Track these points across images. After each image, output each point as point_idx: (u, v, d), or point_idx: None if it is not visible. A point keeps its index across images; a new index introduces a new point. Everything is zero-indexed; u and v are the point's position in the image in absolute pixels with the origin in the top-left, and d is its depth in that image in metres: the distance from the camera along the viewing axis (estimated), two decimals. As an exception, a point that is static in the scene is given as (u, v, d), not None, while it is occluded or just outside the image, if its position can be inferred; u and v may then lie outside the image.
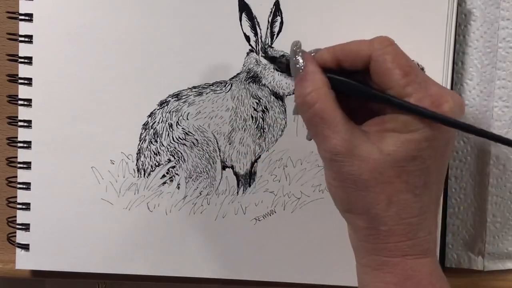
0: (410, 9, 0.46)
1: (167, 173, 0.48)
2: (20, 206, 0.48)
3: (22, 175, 0.48)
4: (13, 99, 0.48)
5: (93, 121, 0.47)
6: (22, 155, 0.48)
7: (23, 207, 0.48)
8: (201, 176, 0.48)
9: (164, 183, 0.48)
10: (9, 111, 0.48)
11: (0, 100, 0.49)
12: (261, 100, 0.48)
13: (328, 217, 0.48)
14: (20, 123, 0.47)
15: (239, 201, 0.48)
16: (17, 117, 0.47)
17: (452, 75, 0.47)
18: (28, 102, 0.47)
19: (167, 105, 0.47)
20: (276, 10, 0.46)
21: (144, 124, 0.48)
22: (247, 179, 0.48)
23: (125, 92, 0.47)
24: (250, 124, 0.48)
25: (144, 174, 0.48)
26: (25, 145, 0.48)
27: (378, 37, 0.36)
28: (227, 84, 0.47)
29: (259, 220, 0.48)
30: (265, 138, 0.48)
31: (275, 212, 0.48)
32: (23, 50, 0.47)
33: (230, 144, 0.48)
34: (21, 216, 0.48)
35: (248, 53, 0.47)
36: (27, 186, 0.48)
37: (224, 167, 0.48)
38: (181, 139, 0.48)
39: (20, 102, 0.47)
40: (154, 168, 0.48)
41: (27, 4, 0.46)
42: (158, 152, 0.48)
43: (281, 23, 0.47)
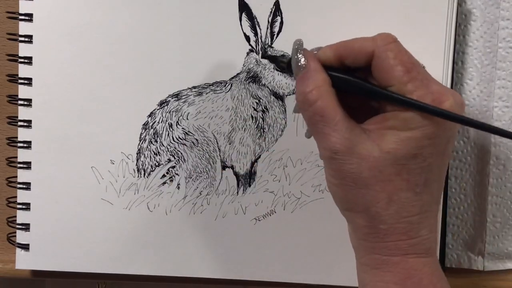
0: (410, 9, 0.46)
1: (167, 173, 0.48)
2: (20, 206, 0.48)
3: (22, 175, 0.48)
4: (13, 99, 0.48)
5: (93, 121, 0.47)
6: (22, 155, 0.48)
7: (23, 207, 0.48)
8: (201, 176, 0.48)
9: (164, 183, 0.48)
10: (9, 111, 0.48)
11: (0, 100, 0.49)
12: (261, 100, 0.48)
13: (328, 217, 0.48)
14: (20, 123, 0.47)
15: (239, 201, 0.48)
16: (17, 117, 0.47)
17: (452, 75, 0.47)
18: (28, 102, 0.47)
19: (167, 105, 0.47)
20: (276, 10, 0.46)
21: (144, 124, 0.48)
22: (247, 179, 0.48)
23: (125, 92, 0.47)
24: (250, 124, 0.48)
25: (144, 174, 0.48)
26: (25, 145, 0.48)
27: (381, 33, 0.36)
28: (227, 84, 0.47)
29: (259, 220, 0.48)
30: (265, 138, 0.48)
31: (275, 212, 0.48)
32: (23, 50, 0.47)
33: (230, 144, 0.48)
34: (21, 216, 0.48)
35: (248, 53, 0.47)
36: (27, 186, 0.48)
37: (224, 167, 0.48)
38: (181, 139, 0.48)
39: (20, 102, 0.47)
40: (154, 168, 0.48)
41: (27, 4, 0.46)
42: (158, 152, 0.48)
43: (281, 23, 0.47)
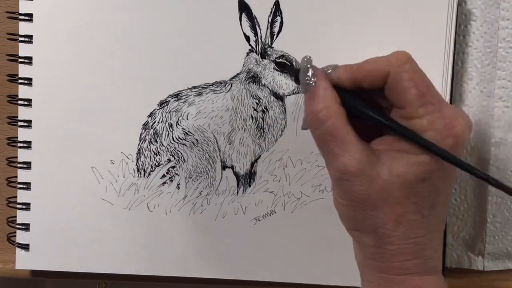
0: (410, 9, 0.46)
1: (167, 173, 0.48)
2: (20, 206, 0.48)
3: (22, 175, 0.48)
4: (13, 99, 0.48)
5: (93, 121, 0.47)
6: (22, 155, 0.48)
7: (23, 207, 0.48)
8: (201, 176, 0.48)
9: (164, 183, 0.48)
10: (9, 111, 0.48)
11: (0, 100, 0.49)
12: (261, 100, 0.48)
13: (328, 217, 0.48)
14: (20, 123, 0.47)
15: (239, 201, 0.48)
16: (17, 117, 0.47)
17: (452, 75, 0.47)
18: (28, 102, 0.47)
19: (167, 105, 0.47)
20: (276, 10, 0.46)
21: (144, 124, 0.48)
22: (247, 179, 0.48)
23: (125, 92, 0.47)
24: (250, 124, 0.48)
25: (144, 174, 0.48)
26: (25, 145, 0.48)
27: (395, 52, 0.35)
28: (227, 84, 0.47)
29: (259, 220, 0.48)
30: (265, 138, 0.48)
31: (275, 212, 0.48)
32: (23, 50, 0.47)
33: (230, 144, 0.48)
34: (21, 216, 0.48)
35: (248, 53, 0.47)
36: (27, 186, 0.48)
37: (224, 167, 0.48)
38: (181, 139, 0.48)
39: (20, 102, 0.47)
40: (154, 168, 0.48)
41: (27, 4, 0.46)
42: (158, 152, 0.48)
43: (281, 23, 0.46)
